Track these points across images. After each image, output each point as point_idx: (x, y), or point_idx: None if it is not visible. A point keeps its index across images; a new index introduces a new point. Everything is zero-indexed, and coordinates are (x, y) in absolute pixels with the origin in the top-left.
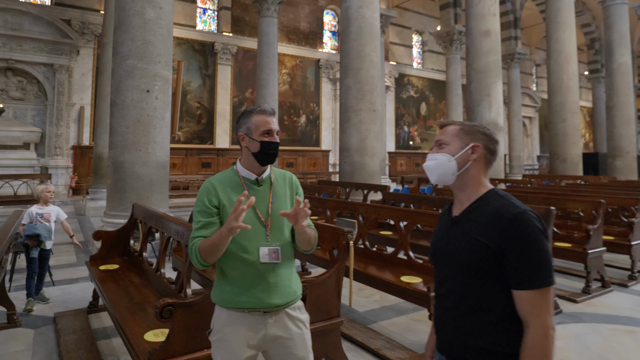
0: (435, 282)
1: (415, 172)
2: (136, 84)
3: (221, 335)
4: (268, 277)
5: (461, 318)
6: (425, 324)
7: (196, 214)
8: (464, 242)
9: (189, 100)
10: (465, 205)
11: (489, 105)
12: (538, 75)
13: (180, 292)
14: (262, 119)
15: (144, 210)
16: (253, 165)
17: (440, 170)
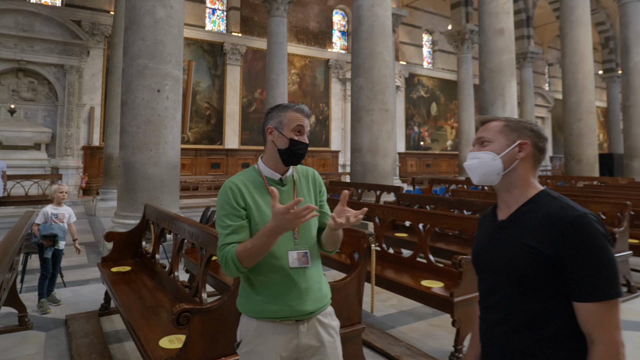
0: (481, 293)
1: (425, 173)
2: (147, 83)
3: (251, 347)
4: (299, 282)
5: (513, 333)
6: (445, 330)
7: (223, 218)
8: (514, 249)
9: (198, 101)
10: (512, 208)
11: (503, 105)
12: (550, 75)
13: (195, 296)
14: (297, 116)
15: (156, 211)
16: (277, 163)
17: (483, 169)
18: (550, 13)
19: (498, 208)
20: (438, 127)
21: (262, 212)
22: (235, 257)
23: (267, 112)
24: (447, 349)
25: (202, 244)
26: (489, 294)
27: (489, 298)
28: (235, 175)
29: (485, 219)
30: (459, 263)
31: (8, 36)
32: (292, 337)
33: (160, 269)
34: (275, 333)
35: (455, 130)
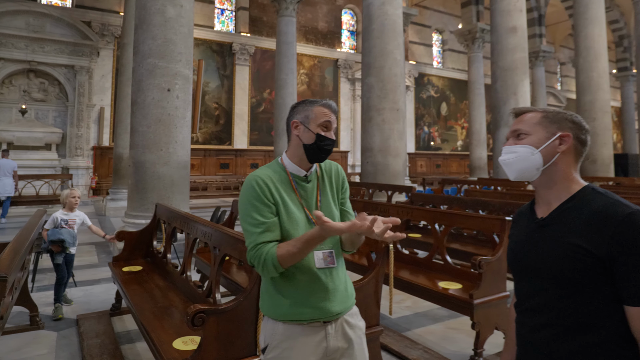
0: (518, 295)
1: (435, 173)
2: (157, 82)
3: (278, 352)
4: (326, 283)
5: (558, 338)
6: (464, 333)
7: (253, 214)
8: (559, 249)
9: (207, 101)
10: (554, 204)
11: (516, 104)
12: (563, 74)
13: (208, 297)
14: (325, 112)
15: (168, 210)
16: (302, 159)
17: (521, 165)
18: (563, 11)
19: (536, 205)
20: (448, 127)
21: (288, 210)
22: (276, 258)
23: (293, 107)
24: (466, 352)
25: (216, 244)
26: (529, 296)
27: (530, 301)
28: (259, 170)
29: (521, 216)
30: (479, 264)
31: (19, 37)
32: (321, 339)
33: (172, 269)
34: (303, 336)
35: (466, 130)
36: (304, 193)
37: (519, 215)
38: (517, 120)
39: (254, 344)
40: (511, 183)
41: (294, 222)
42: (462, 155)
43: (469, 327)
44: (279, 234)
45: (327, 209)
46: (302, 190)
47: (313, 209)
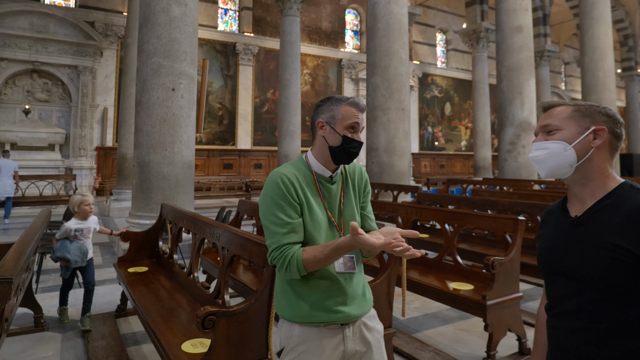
0: (551, 297)
1: (439, 173)
2: (162, 82)
3: (295, 355)
4: (346, 287)
5: (597, 343)
6: (475, 335)
7: (278, 213)
8: (596, 250)
9: (210, 101)
10: (588, 202)
11: (522, 103)
12: (567, 74)
13: (216, 298)
14: (352, 112)
15: (174, 210)
16: (328, 160)
17: (553, 161)
18: (567, 11)
19: (568, 203)
20: (452, 127)
21: (313, 212)
22: (301, 262)
23: (318, 105)
24: (477, 354)
25: (225, 244)
26: (564, 299)
27: (564, 304)
28: (284, 167)
29: (551, 215)
30: (492, 265)
31: (23, 37)
32: (338, 342)
33: (178, 270)
34: (320, 339)
35: (470, 130)
36: (328, 195)
37: (548, 214)
38: (547, 115)
39: (266, 347)
40: (517, 183)
41: (316, 224)
42: (466, 156)
43: (479, 328)
44: (302, 235)
45: (349, 212)
46: (326, 191)
47: (336, 211)
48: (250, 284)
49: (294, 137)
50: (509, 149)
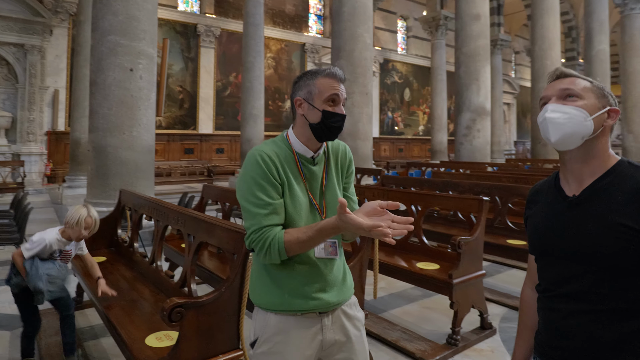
0: (547, 279)
1: (398, 157)
2: (119, 62)
3: (270, 346)
4: (325, 273)
5: (596, 325)
6: (439, 312)
7: (258, 193)
8: (599, 229)
9: (170, 84)
10: (587, 181)
11: (478, 89)
12: (517, 63)
13: (182, 288)
14: (329, 84)
15: (135, 196)
16: (310, 139)
17: (572, 128)
18: (519, 2)
19: (562, 181)
20: (411, 113)
21: (294, 193)
22: (283, 245)
23: (295, 82)
24: (443, 331)
25: (191, 231)
26: (563, 281)
27: (565, 286)
28: (264, 145)
29: (539, 195)
30: (459, 244)
31: None
32: (316, 331)
33: (139, 259)
34: (297, 328)
35: (427, 115)
36: (309, 176)
37: (535, 194)
38: (566, 81)
39: (237, 337)
40: (473, 165)
41: (297, 206)
42: (424, 140)
43: (443, 306)
44: (284, 217)
45: (331, 194)
46: (307, 172)
47: (317, 193)
48: (216, 271)
49: (257, 121)
50: (465, 133)
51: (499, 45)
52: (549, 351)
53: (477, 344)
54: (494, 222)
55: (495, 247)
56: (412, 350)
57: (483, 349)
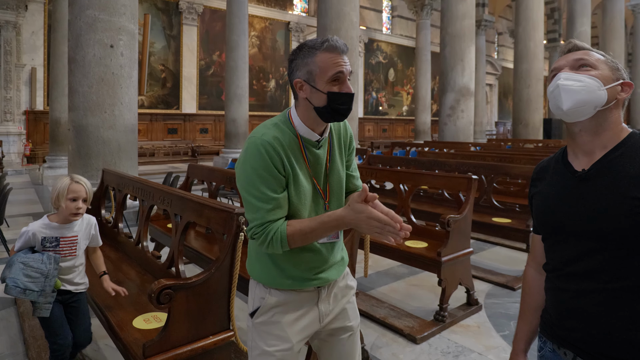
0: (556, 258)
1: (382, 137)
2: (98, 38)
3: (269, 316)
4: (327, 256)
5: (608, 304)
6: (426, 289)
7: (260, 187)
8: (611, 203)
9: (152, 63)
10: (598, 154)
11: (462, 69)
12: (499, 44)
13: (169, 268)
14: (332, 59)
15: (119, 176)
16: (316, 121)
17: (585, 96)
18: None
19: (571, 156)
20: (395, 93)
21: (298, 182)
22: (285, 238)
23: (291, 60)
24: (430, 307)
25: (178, 211)
26: (573, 259)
27: (575, 264)
28: (265, 129)
29: (545, 172)
30: (448, 222)
31: None
32: (313, 305)
33: (124, 239)
34: (296, 301)
35: (411, 96)
36: (314, 160)
37: (541, 170)
38: (580, 52)
39: (227, 318)
40: (456, 145)
41: (301, 195)
42: (407, 120)
43: (430, 283)
44: (287, 209)
45: (336, 177)
46: (312, 157)
47: (322, 177)
48: (203, 251)
49: (242, 101)
50: (449, 113)
51: (483, 25)
52: (558, 331)
53: (464, 319)
54: (479, 200)
55: (481, 225)
56: (400, 327)
57: (470, 325)
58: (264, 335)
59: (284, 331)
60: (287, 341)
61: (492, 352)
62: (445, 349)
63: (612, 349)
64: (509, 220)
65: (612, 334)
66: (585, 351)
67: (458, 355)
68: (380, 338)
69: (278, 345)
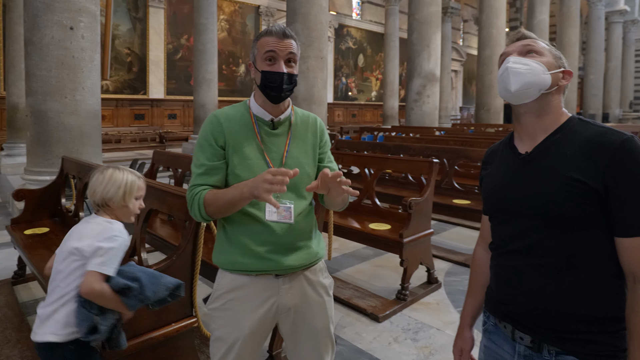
0: (499, 237)
1: (351, 122)
2: (57, 19)
3: (222, 302)
4: (281, 236)
5: (545, 278)
6: (389, 270)
7: (198, 153)
8: (551, 184)
9: (117, 46)
10: (540, 137)
11: (429, 55)
12: (465, 31)
13: (132, 257)
14: (268, 41)
15: (79, 163)
16: (266, 103)
17: (531, 78)
18: None
19: (516, 140)
20: (364, 79)
21: (243, 154)
22: (202, 202)
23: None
24: (393, 287)
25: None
26: (513, 238)
27: (514, 243)
28: (223, 109)
29: (494, 155)
30: (409, 205)
31: None
32: (272, 294)
33: None
34: (250, 287)
35: (380, 81)
36: (268, 139)
37: (491, 155)
38: (527, 40)
39: (190, 305)
40: (422, 130)
41: (247, 167)
42: (376, 105)
43: (393, 263)
44: (219, 179)
45: (295, 161)
46: (265, 135)
47: (279, 159)
48: (168, 238)
49: (211, 85)
50: (415, 98)
51: (449, 13)
52: (499, 306)
53: (424, 297)
54: (441, 183)
55: (442, 206)
56: (364, 307)
57: (430, 302)
58: (218, 322)
59: (237, 319)
60: (241, 329)
61: (449, 327)
62: (405, 326)
63: (546, 321)
64: (468, 202)
65: (546, 307)
66: (523, 324)
67: (417, 332)
68: (345, 318)
69: (232, 332)
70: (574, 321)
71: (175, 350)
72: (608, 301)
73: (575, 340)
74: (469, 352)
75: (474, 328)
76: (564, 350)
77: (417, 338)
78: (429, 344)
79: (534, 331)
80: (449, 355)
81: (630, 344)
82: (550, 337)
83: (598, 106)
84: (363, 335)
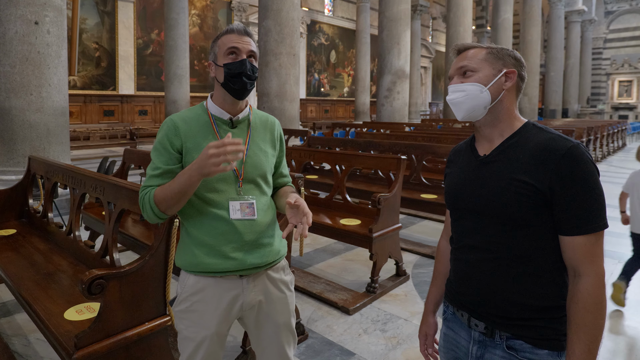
0: (457, 232)
1: (324, 118)
2: (20, 13)
3: (187, 305)
4: (244, 233)
5: (497, 271)
6: (359, 263)
7: (154, 157)
8: (503, 185)
9: (85, 41)
10: (496, 142)
11: (399, 53)
12: (434, 28)
13: (104, 257)
14: (229, 39)
15: (47, 163)
16: (226, 101)
17: (471, 103)
18: None
19: (477, 142)
20: (336, 75)
21: None
22: (152, 199)
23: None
24: (363, 280)
25: (111, 198)
26: (470, 233)
27: (470, 238)
28: (179, 112)
29: (458, 155)
30: (378, 201)
31: None
32: (237, 294)
33: (55, 229)
34: (215, 288)
35: (352, 77)
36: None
37: (455, 154)
38: (461, 57)
39: (164, 303)
40: (392, 126)
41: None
42: (348, 101)
43: (363, 257)
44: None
45: (254, 158)
46: (223, 133)
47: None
48: (141, 238)
49: (182, 81)
50: (386, 94)
51: (419, 10)
52: (457, 297)
53: (393, 289)
54: (410, 178)
55: (411, 201)
56: (335, 300)
57: (398, 294)
58: (185, 324)
59: (203, 319)
60: (208, 329)
61: (416, 317)
62: (375, 317)
63: (498, 309)
64: (435, 196)
65: (497, 296)
66: (477, 312)
67: (386, 322)
68: (316, 312)
69: (199, 332)
70: (523, 309)
71: (149, 348)
72: (553, 292)
73: (523, 326)
74: (432, 336)
75: (437, 315)
76: (514, 335)
77: (385, 329)
78: (396, 334)
79: (487, 319)
80: (415, 344)
81: (569, 330)
82: (501, 324)
83: (558, 102)
84: (334, 328)
